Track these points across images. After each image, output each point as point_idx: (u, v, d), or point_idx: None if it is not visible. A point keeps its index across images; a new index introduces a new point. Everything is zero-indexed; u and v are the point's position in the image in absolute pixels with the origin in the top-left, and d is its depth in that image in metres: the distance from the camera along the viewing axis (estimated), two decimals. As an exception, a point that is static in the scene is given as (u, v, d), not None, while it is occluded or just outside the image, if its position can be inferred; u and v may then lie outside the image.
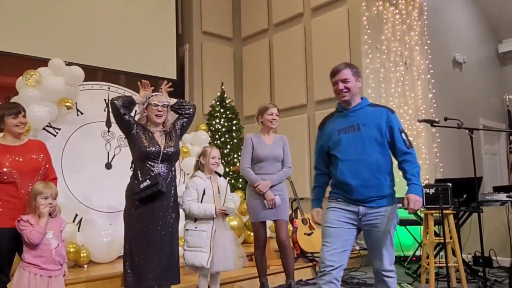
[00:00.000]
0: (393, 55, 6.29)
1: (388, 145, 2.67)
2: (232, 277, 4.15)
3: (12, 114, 2.86)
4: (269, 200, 3.58)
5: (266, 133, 3.81)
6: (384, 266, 2.64)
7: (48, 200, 2.69)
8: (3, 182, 2.74)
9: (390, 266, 2.65)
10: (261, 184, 3.59)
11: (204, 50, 7.71)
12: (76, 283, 3.65)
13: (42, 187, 2.71)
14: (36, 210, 2.68)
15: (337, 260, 2.57)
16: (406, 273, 4.87)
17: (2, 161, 2.75)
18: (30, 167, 2.85)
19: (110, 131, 5.08)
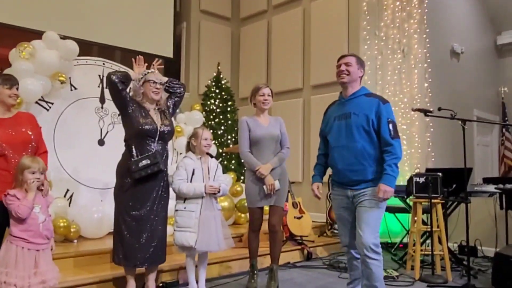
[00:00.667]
0: (391, 43, 6.26)
1: (375, 134, 2.83)
2: (220, 257, 4.20)
3: (7, 84, 2.86)
4: (269, 185, 3.52)
5: (260, 114, 3.73)
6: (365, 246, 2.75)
7: (35, 175, 2.67)
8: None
9: (374, 246, 2.76)
10: (262, 168, 3.52)
11: (202, 29, 7.63)
12: (65, 258, 3.67)
13: (30, 161, 2.68)
14: (23, 184, 2.67)
15: (349, 240, 2.98)
16: (392, 259, 4.94)
17: None
18: (20, 139, 2.83)
19: (104, 107, 5.05)
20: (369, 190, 2.83)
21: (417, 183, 4.25)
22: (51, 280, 2.66)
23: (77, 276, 3.43)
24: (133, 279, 3.23)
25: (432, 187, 4.13)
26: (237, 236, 4.98)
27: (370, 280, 2.83)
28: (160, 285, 3.66)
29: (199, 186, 3.31)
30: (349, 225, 2.98)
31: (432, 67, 6.51)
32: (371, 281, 2.82)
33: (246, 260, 4.34)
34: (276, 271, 3.64)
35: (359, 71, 2.95)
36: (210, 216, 3.31)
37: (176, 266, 3.85)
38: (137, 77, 3.26)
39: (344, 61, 2.97)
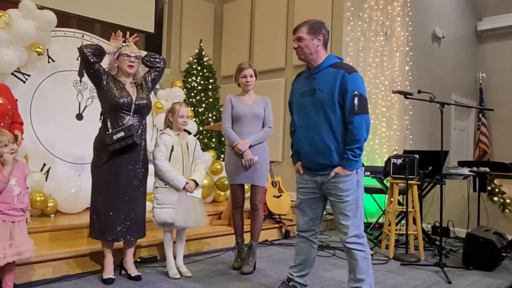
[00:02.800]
0: (374, 25, 6.27)
1: (342, 109, 2.53)
2: (199, 234, 4.23)
3: None
4: (247, 160, 3.52)
5: (245, 94, 3.70)
6: (346, 239, 2.57)
7: (8, 147, 2.63)
8: None
9: (355, 238, 2.56)
10: (239, 143, 3.52)
11: (185, 5, 7.48)
12: (42, 232, 3.64)
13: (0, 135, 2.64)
14: None
15: (308, 227, 2.80)
16: (368, 238, 5.02)
17: None
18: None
19: (83, 81, 4.94)
20: (340, 179, 2.55)
21: (394, 164, 4.33)
22: (26, 252, 2.65)
23: (53, 250, 3.41)
24: (110, 254, 3.23)
25: (409, 168, 4.21)
26: (216, 214, 5.01)
27: (356, 273, 2.58)
28: (138, 260, 3.68)
29: (179, 180, 3.29)
30: (311, 213, 2.75)
31: (413, 51, 6.56)
32: (358, 273, 2.57)
33: (224, 237, 4.39)
34: (255, 248, 3.69)
35: (315, 40, 2.59)
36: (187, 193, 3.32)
37: (155, 242, 3.86)
38: (112, 51, 3.21)
39: (295, 35, 2.63)
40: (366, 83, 6.14)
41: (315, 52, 2.62)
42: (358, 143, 2.50)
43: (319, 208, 2.76)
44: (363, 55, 6.18)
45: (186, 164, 3.41)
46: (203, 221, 3.45)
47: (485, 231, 4.11)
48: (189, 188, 3.32)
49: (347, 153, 2.51)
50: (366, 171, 5.19)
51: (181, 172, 3.36)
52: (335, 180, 2.56)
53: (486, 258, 3.86)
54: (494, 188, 5.14)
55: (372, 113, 6.14)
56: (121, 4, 6.68)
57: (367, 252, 2.60)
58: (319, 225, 2.83)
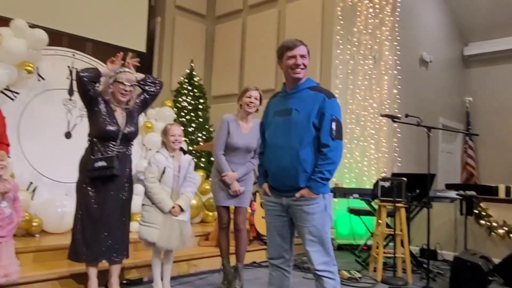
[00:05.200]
0: (363, 48, 6.38)
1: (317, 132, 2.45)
2: (187, 255, 4.18)
3: None
4: (233, 191, 3.58)
5: (244, 117, 3.67)
6: (315, 266, 2.45)
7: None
8: None
9: (324, 266, 2.46)
10: (228, 175, 3.54)
11: (176, 25, 7.55)
12: (26, 252, 3.58)
13: None
14: None
15: (277, 254, 2.62)
16: (356, 261, 5.04)
17: None
18: None
19: (72, 99, 4.94)
20: (305, 203, 2.44)
21: (382, 187, 4.36)
22: (13, 274, 2.60)
23: (37, 271, 3.34)
24: (95, 276, 3.17)
25: (396, 191, 4.24)
26: (204, 235, 4.97)
27: None
28: (124, 282, 3.62)
29: (166, 203, 3.28)
30: (279, 238, 2.60)
31: (401, 74, 6.68)
32: None
33: (213, 258, 4.35)
34: (241, 270, 3.65)
35: (309, 62, 2.58)
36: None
37: (142, 263, 3.82)
38: (109, 74, 3.16)
39: (299, 52, 2.53)
40: (355, 106, 6.22)
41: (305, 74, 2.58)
42: (331, 166, 2.43)
43: (287, 234, 2.60)
44: (352, 78, 6.27)
45: (175, 187, 3.40)
46: (189, 243, 3.42)
47: (471, 254, 4.13)
48: (174, 212, 3.31)
49: (315, 175, 2.42)
50: (355, 193, 5.22)
51: (169, 194, 3.35)
52: (300, 203, 2.45)
53: (473, 282, 3.87)
54: (480, 212, 5.17)
55: (360, 135, 6.21)
56: (113, 23, 6.72)
57: (337, 282, 2.48)
58: (289, 251, 2.63)
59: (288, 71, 2.54)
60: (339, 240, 5.89)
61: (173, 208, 3.30)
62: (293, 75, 2.52)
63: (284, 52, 2.56)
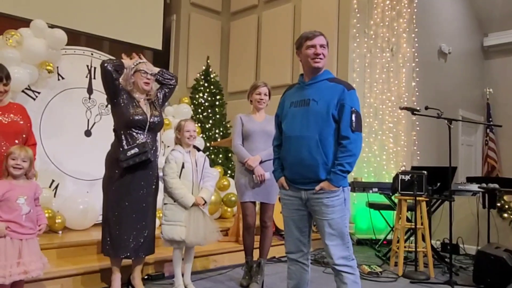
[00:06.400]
0: (380, 41, 6.31)
1: (336, 125, 2.44)
2: (207, 251, 4.21)
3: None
4: (258, 175, 3.50)
5: (256, 112, 3.71)
6: (334, 261, 2.43)
7: (15, 161, 2.63)
8: None
9: (343, 260, 2.44)
10: (250, 159, 3.51)
11: (192, 22, 7.58)
12: (49, 249, 3.63)
13: (14, 148, 2.65)
14: (6, 172, 2.64)
15: (296, 248, 2.61)
16: (376, 255, 5.01)
17: None
18: (12, 129, 2.79)
19: (92, 98, 4.99)
20: (325, 196, 2.42)
21: (402, 180, 4.31)
22: (34, 271, 2.64)
23: (61, 267, 3.40)
24: (118, 271, 3.22)
25: (417, 185, 4.19)
26: (223, 230, 4.98)
27: None
28: (146, 277, 3.66)
29: (187, 197, 3.29)
30: (297, 232, 2.58)
31: (419, 67, 6.58)
32: None
33: (232, 253, 4.38)
34: (264, 266, 3.66)
35: None
36: (198, 209, 3.32)
37: (162, 259, 3.85)
38: (129, 66, 3.23)
39: (319, 42, 2.51)
40: (373, 99, 6.17)
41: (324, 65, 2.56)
42: (351, 159, 2.41)
43: (306, 227, 2.58)
44: (369, 71, 6.21)
45: (195, 181, 3.41)
46: (214, 237, 3.43)
47: (495, 248, 4.06)
48: (199, 201, 3.32)
49: (335, 168, 2.39)
50: (375, 187, 5.18)
51: (190, 189, 3.36)
52: (320, 196, 2.43)
53: (497, 276, 3.80)
54: (504, 205, 5.09)
55: (379, 129, 6.15)
56: (129, 22, 6.77)
57: (357, 276, 2.45)
58: (308, 245, 2.62)
59: (308, 61, 2.52)
60: (358, 235, 5.86)
61: (197, 200, 3.31)
62: (313, 64, 2.50)
63: (303, 42, 2.55)
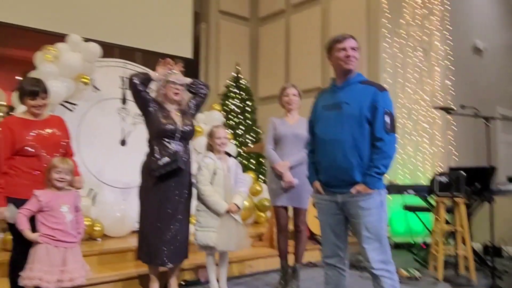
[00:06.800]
0: (412, 40, 6.20)
1: (370, 127, 2.42)
2: (242, 256, 4.22)
3: (30, 95, 2.83)
4: (286, 182, 3.53)
5: (288, 114, 3.73)
6: (371, 265, 2.40)
7: (60, 175, 2.74)
8: (27, 155, 2.78)
9: (381, 264, 2.40)
10: (278, 164, 3.54)
11: (221, 29, 7.67)
12: (90, 256, 3.73)
13: (57, 161, 2.75)
14: (50, 184, 2.74)
15: (333, 253, 2.59)
16: (414, 259, 4.89)
17: (24, 135, 2.78)
18: (52, 141, 2.88)
19: (126, 108, 5.12)
20: (361, 199, 2.40)
21: (439, 182, 4.20)
22: (78, 279, 2.72)
23: (102, 273, 3.50)
24: (156, 277, 3.27)
25: (455, 186, 4.07)
26: (257, 235, 5.00)
27: None
28: (182, 283, 3.71)
29: (220, 204, 3.32)
30: (334, 236, 2.56)
31: (453, 64, 6.42)
32: None
33: (267, 259, 4.37)
34: (299, 270, 3.65)
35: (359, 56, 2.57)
36: (230, 216, 3.35)
37: (198, 265, 3.89)
38: (159, 78, 3.31)
39: (350, 44, 2.50)
40: (406, 99, 6.06)
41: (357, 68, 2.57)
42: (386, 160, 2.39)
43: (342, 232, 2.56)
44: (401, 71, 6.11)
45: (228, 187, 3.43)
46: (245, 244, 3.45)
47: (541, 250, 3.89)
48: (232, 209, 3.34)
49: (370, 170, 2.38)
50: (410, 189, 5.07)
51: (222, 195, 3.39)
52: (357, 199, 2.40)
53: (544, 280, 3.65)
54: (548, 205, 4.88)
55: (413, 130, 6.03)
56: (160, 32, 6.93)
57: (395, 281, 2.41)
58: (345, 250, 2.60)
59: (339, 63, 2.52)
60: (395, 238, 5.74)
61: (230, 207, 3.33)
62: (345, 66, 2.50)
63: (334, 45, 2.54)
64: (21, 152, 2.77)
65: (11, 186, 2.74)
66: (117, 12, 6.48)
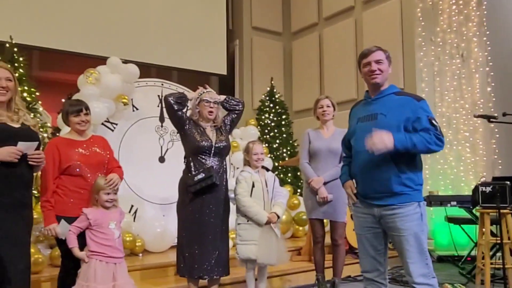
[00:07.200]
0: (448, 47, 6.06)
1: None
2: (281, 271, 4.21)
3: (74, 112, 2.99)
4: (321, 198, 3.56)
5: (324, 126, 3.75)
6: (413, 279, 2.35)
7: (109, 196, 2.86)
8: (73, 175, 2.91)
9: (423, 278, 2.34)
10: (313, 180, 3.57)
11: (254, 45, 7.77)
12: (132, 271, 3.81)
13: (104, 182, 2.87)
14: (97, 203, 2.85)
15: (372, 267, 2.55)
16: (460, 273, 4.71)
17: (71, 155, 2.92)
18: (96, 160, 3.01)
19: (163, 126, 5.26)
20: (399, 211, 2.36)
21: (483, 192, 4.05)
22: None
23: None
24: (196, 292, 3.31)
25: (500, 196, 3.92)
26: (296, 249, 4.97)
27: None
28: (222, 298, 3.72)
29: (261, 214, 3.35)
30: (372, 250, 2.52)
31: (494, 71, 6.21)
32: None
33: (305, 273, 4.34)
34: (338, 285, 3.60)
35: (389, 68, 2.55)
36: (270, 229, 3.36)
37: (237, 280, 3.91)
38: (194, 97, 3.40)
39: (373, 58, 2.51)
40: (445, 108, 5.92)
41: (386, 79, 2.55)
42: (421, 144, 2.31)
43: (381, 245, 2.52)
44: (439, 80, 5.97)
45: (266, 200, 3.46)
46: (284, 258, 3.45)
47: None
48: (271, 220, 3.35)
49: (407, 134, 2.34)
50: (453, 200, 4.91)
51: (262, 207, 3.41)
52: (395, 212, 2.38)
53: None
54: None
55: (454, 139, 5.87)
56: (195, 51, 7.10)
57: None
58: (384, 264, 2.55)
59: (366, 78, 2.56)
60: (439, 251, 5.55)
61: (270, 216, 3.35)
62: (371, 81, 2.52)
63: (361, 61, 2.59)
64: (67, 171, 2.91)
65: (59, 205, 2.87)
66: (153, 33, 6.71)
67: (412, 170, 2.42)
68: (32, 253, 3.00)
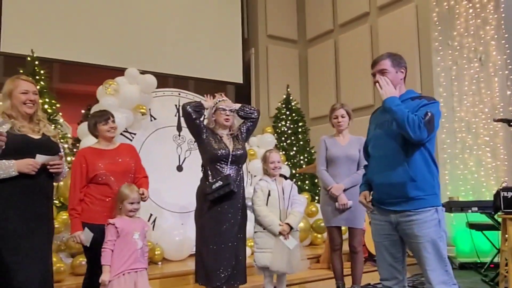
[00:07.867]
0: (466, 51, 6.00)
1: None
2: (300, 278, 4.19)
3: (102, 121, 3.13)
4: (341, 204, 3.57)
5: (340, 134, 3.77)
6: (433, 287, 2.33)
7: (133, 205, 2.91)
8: (99, 183, 3.01)
9: (444, 286, 2.33)
10: (333, 187, 3.58)
11: (270, 53, 7.81)
12: (152, 279, 3.84)
13: (128, 191, 2.93)
14: (122, 212, 2.90)
15: (390, 275, 2.53)
16: (482, 280, 4.62)
17: (97, 164, 3.02)
18: (122, 168, 3.10)
19: (181, 135, 5.32)
20: (416, 217, 2.35)
21: (505, 197, 3.98)
22: None
23: (163, 297, 3.60)
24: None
25: (523, 201, 3.85)
26: (314, 257, 4.94)
27: None
28: (240, 306, 3.72)
29: (274, 224, 3.36)
30: (390, 258, 2.50)
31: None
32: None
33: (324, 281, 4.31)
34: (358, 292, 3.57)
35: (399, 73, 2.52)
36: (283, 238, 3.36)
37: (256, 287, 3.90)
38: (210, 106, 3.44)
39: (377, 68, 2.53)
40: (464, 113, 5.84)
41: (398, 86, 2.51)
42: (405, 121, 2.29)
43: (399, 253, 2.50)
44: (457, 84, 5.90)
45: (283, 208, 3.47)
46: (301, 266, 3.43)
47: None
48: (283, 231, 3.35)
49: None
50: (474, 206, 4.83)
51: (278, 216, 3.42)
52: (412, 219, 2.36)
53: None
54: None
55: (473, 144, 5.78)
56: (211, 60, 7.18)
57: None
58: (403, 272, 2.53)
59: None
60: (460, 258, 5.46)
61: (281, 227, 3.35)
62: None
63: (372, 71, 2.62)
64: (94, 180, 3.01)
65: (86, 212, 2.97)
66: (170, 43, 6.81)
67: (427, 174, 2.40)
68: (54, 262, 3.05)
